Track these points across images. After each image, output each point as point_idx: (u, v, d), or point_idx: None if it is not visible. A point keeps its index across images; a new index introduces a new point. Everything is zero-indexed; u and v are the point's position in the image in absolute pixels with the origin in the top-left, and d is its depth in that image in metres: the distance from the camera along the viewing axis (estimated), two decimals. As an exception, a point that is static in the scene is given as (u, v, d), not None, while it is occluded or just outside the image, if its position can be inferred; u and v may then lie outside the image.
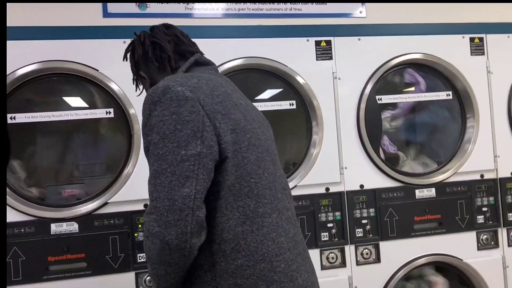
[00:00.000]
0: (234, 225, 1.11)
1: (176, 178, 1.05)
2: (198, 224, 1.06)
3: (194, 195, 1.05)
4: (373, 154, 2.16)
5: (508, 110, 2.31)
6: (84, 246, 1.87)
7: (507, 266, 2.27)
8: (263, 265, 1.11)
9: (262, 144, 1.22)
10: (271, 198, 1.18)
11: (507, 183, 2.30)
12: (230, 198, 1.12)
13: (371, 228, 2.16)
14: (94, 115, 1.93)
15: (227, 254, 1.10)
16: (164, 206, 1.04)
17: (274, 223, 1.15)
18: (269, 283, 1.10)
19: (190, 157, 1.06)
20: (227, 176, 1.11)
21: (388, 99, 2.24)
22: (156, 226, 1.04)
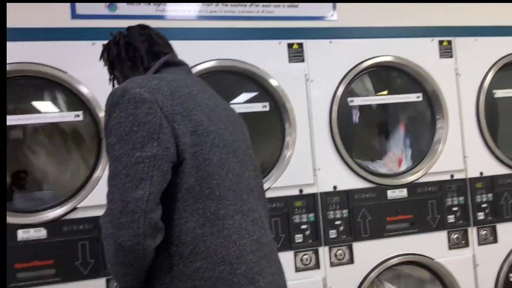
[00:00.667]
0: (193, 227, 1.10)
1: (129, 180, 1.04)
2: (151, 226, 1.05)
3: (147, 197, 1.04)
4: (346, 155, 2.18)
5: (476, 112, 2.36)
6: (52, 252, 1.82)
7: (478, 265, 2.31)
8: (222, 267, 1.09)
9: (228, 145, 1.21)
10: (235, 199, 1.17)
11: (476, 183, 2.34)
12: (189, 200, 1.11)
13: (345, 229, 2.17)
14: (62, 118, 1.89)
15: (185, 257, 1.09)
16: (117, 208, 1.03)
17: (236, 225, 1.14)
18: (228, 286, 1.09)
19: (145, 159, 1.05)
20: (185, 178, 1.10)
21: (360, 101, 2.26)
22: (110, 227, 1.04)
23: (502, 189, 2.37)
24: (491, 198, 2.35)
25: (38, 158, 2.05)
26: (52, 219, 1.83)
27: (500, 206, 2.36)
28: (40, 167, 2.07)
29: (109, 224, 1.05)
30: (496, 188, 2.36)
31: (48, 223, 1.82)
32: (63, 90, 1.92)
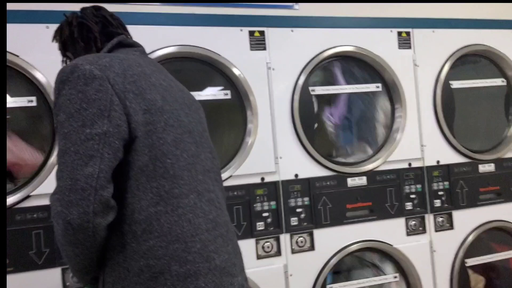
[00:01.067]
0: (146, 205, 1.09)
1: (79, 157, 1.02)
2: (102, 204, 1.03)
3: (97, 174, 1.02)
4: (307, 144, 2.20)
5: (434, 102, 2.42)
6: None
7: (435, 251, 2.38)
8: (176, 245, 1.09)
9: (183, 125, 1.21)
10: (190, 179, 1.16)
11: (433, 171, 2.41)
12: (142, 179, 1.09)
13: (306, 216, 2.19)
14: (15, 103, 1.83)
15: (138, 235, 1.08)
16: (66, 185, 1.01)
17: (191, 204, 1.14)
18: (182, 264, 1.08)
19: (95, 136, 1.04)
20: (137, 157, 1.10)
21: (322, 90, 2.28)
22: (59, 205, 1.02)
23: (457, 177, 2.44)
24: (447, 186, 2.42)
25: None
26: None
27: (456, 193, 2.43)
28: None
29: (58, 202, 1.02)
30: (452, 176, 2.43)
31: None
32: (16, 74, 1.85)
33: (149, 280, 1.07)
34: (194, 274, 1.08)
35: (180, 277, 1.07)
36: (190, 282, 1.08)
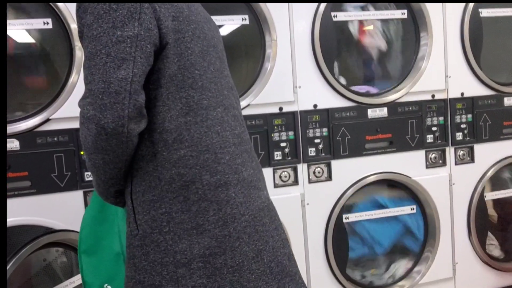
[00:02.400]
0: (176, 115, 1.07)
1: (111, 59, 0.99)
2: (136, 109, 1.01)
3: (131, 78, 1.00)
4: (327, 73, 2.14)
5: (461, 31, 2.31)
6: (26, 164, 1.79)
7: (453, 184, 2.36)
8: (207, 155, 1.09)
9: (208, 39, 1.17)
10: (216, 93, 1.14)
11: (456, 104, 2.34)
12: (172, 88, 1.07)
13: (324, 147, 2.17)
14: (30, 25, 1.80)
15: (169, 144, 1.07)
16: (99, 88, 0.98)
17: (219, 117, 1.13)
18: (213, 173, 1.09)
19: (127, 39, 1.00)
20: (168, 64, 1.07)
21: (344, 17, 2.19)
22: (91, 109, 0.99)
23: (481, 110, 2.37)
24: (470, 119, 2.36)
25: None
26: (25, 130, 1.78)
27: (479, 127, 2.37)
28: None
29: (90, 106, 1.00)
30: (475, 109, 2.36)
31: (21, 134, 1.78)
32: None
33: (181, 189, 1.07)
34: (224, 184, 1.10)
35: (211, 186, 1.08)
36: (221, 191, 1.09)
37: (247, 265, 1.10)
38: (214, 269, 1.07)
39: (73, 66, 1.81)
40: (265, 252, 1.13)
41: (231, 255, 1.08)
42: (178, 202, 1.07)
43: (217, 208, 1.08)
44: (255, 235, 1.12)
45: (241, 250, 1.09)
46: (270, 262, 1.14)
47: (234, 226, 1.09)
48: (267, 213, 1.18)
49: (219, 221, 1.08)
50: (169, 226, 1.07)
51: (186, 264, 1.06)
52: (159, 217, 1.08)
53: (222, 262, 1.08)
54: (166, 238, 1.07)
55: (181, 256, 1.06)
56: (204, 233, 1.07)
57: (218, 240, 1.07)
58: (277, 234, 1.19)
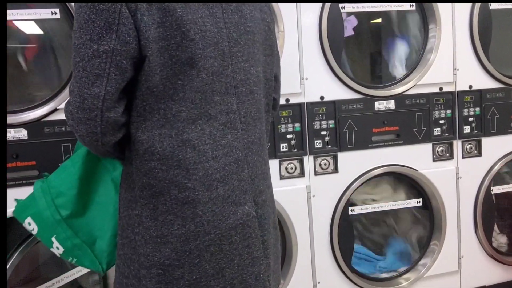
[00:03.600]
0: (151, 126, 1.06)
1: (86, 75, 0.99)
2: (109, 125, 1.03)
3: (104, 96, 1.00)
4: (335, 65, 2.13)
5: (470, 23, 2.29)
6: (34, 153, 1.80)
7: (460, 177, 2.35)
8: (177, 171, 1.06)
9: (208, 37, 1.05)
10: (202, 102, 1.07)
11: (464, 96, 2.32)
12: (150, 99, 1.04)
13: (330, 139, 2.17)
14: (38, 15, 1.80)
15: (140, 154, 1.08)
16: (76, 102, 1.01)
17: (197, 130, 1.07)
18: (181, 190, 1.07)
19: (102, 54, 0.98)
20: (145, 77, 1.02)
21: (352, 8, 2.17)
22: (70, 119, 1.05)
23: (489, 103, 2.35)
24: (478, 112, 2.35)
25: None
26: (33, 120, 1.79)
27: (487, 120, 2.36)
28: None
29: (69, 115, 1.05)
30: (484, 102, 2.35)
31: (28, 124, 1.79)
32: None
33: (151, 197, 1.08)
34: (192, 202, 1.07)
35: (179, 201, 1.07)
36: (188, 208, 1.07)
37: (204, 281, 1.09)
38: (172, 278, 1.08)
39: (80, 56, 1.81)
40: (228, 270, 1.12)
41: (189, 270, 1.08)
42: (148, 209, 1.09)
43: (181, 224, 1.07)
44: (219, 254, 1.11)
45: (200, 267, 1.09)
46: (232, 280, 1.13)
47: (196, 244, 1.08)
48: (240, 231, 1.13)
49: (182, 236, 1.07)
50: (139, 228, 1.10)
51: (147, 268, 1.09)
52: (133, 218, 1.11)
53: (180, 274, 1.08)
54: (136, 239, 1.11)
55: (144, 258, 1.09)
56: (166, 244, 1.08)
57: (178, 253, 1.08)
58: (248, 252, 1.15)
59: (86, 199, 1.32)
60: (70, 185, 1.30)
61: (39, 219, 1.31)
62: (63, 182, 1.31)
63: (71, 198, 1.30)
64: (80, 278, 1.92)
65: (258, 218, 1.17)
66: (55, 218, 1.29)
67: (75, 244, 1.31)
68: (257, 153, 1.19)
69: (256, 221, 1.16)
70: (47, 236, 1.32)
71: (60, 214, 1.29)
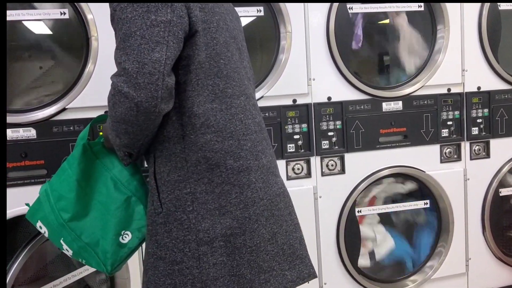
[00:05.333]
0: (204, 101, 1.12)
1: (145, 41, 1.02)
2: (168, 90, 1.06)
3: (165, 61, 1.03)
4: (342, 65, 2.12)
5: (479, 23, 2.28)
6: (43, 152, 1.81)
7: (468, 179, 2.33)
8: (231, 142, 1.14)
9: (230, 30, 1.21)
10: (239, 82, 1.19)
11: (472, 98, 2.31)
12: (201, 75, 1.12)
13: (337, 140, 2.16)
14: (47, 15, 1.81)
15: (197, 128, 1.12)
16: (133, 68, 1.02)
17: (242, 105, 1.18)
18: (236, 159, 1.14)
19: (160, 23, 1.04)
20: (197, 51, 1.11)
21: (360, 9, 2.17)
22: (126, 87, 1.03)
23: (498, 104, 2.34)
24: (487, 113, 2.33)
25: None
26: (41, 119, 1.80)
27: (495, 121, 2.34)
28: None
29: (124, 84, 1.03)
30: (492, 104, 2.33)
31: (37, 123, 1.80)
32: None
33: (206, 171, 1.12)
34: (246, 169, 1.15)
35: (234, 170, 1.14)
36: (243, 176, 1.14)
37: (263, 246, 1.16)
38: (234, 248, 1.13)
39: (89, 56, 1.82)
40: (279, 235, 1.19)
41: (250, 236, 1.14)
42: (203, 183, 1.12)
43: (239, 192, 1.14)
44: (271, 219, 1.18)
45: (259, 232, 1.15)
46: (283, 245, 1.20)
47: (254, 209, 1.15)
48: (283, 199, 1.23)
49: (241, 203, 1.13)
50: (193, 205, 1.12)
51: (208, 242, 1.12)
52: (184, 197, 1.13)
53: (242, 242, 1.13)
54: (190, 217, 1.12)
55: (203, 234, 1.12)
56: (226, 214, 1.13)
57: (239, 221, 1.13)
58: (290, 219, 1.25)
59: (88, 200, 1.31)
60: (68, 188, 1.30)
61: (47, 223, 1.31)
62: (62, 185, 1.31)
63: (71, 201, 1.29)
64: (87, 277, 1.93)
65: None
66: (59, 222, 1.29)
67: (80, 246, 1.31)
68: (269, 139, 1.34)
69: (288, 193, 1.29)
70: (56, 239, 1.32)
71: (62, 218, 1.29)
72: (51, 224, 1.31)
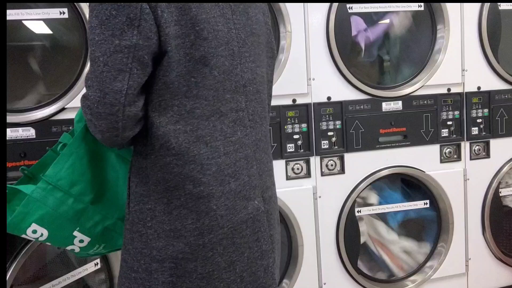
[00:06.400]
0: (166, 122, 1.06)
1: (108, 69, 0.99)
2: (130, 119, 1.04)
3: (126, 91, 1.00)
4: (342, 65, 2.12)
5: (479, 23, 2.27)
6: (42, 152, 1.79)
7: (468, 179, 2.33)
8: (192, 166, 1.08)
9: (219, 36, 1.08)
10: (214, 100, 1.10)
11: (472, 98, 2.31)
12: (166, 95, 1.06)
13: (337, 140, 2.16)
14: (46, 15, 1.81)
15: (156, 149, 1.08)
16: (95, 96, 1.01)
17: (210, 127, 1.10)
18: (196, 184, 1.09)
19: (124, 49, 0.98)
20: (163, 72, 1.04)
21: (359, 8, 2.17)
22: (89, 114, 1.04)
23: (498, 104, 2.33)
24: (487, 113, 2.33)
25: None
26: (40, 119, 1.80)
27: (495, 121, 2.34)
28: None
29: (88, 110, 1.04)
30: (492, 104, 2.33)
31: (36, 123, 1.80)
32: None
33: (165, 192, 1.09)
34: (206, 196, 1.09)
35: (193, 196, 1.09)
36: (202, 203, 1.09)
37: (217, 274, 1.12)
38: (185, 272, 1.10)
39: (88, 55, 1.82)
40: (238, 262, 1.15)
41: (202, 263, 1.10)
42: (162, 203, 1.09)
43: (196, 218, 1.09)
44: (231, 247, 1.13)
45: (213, 260, 1.11)
46: (243, 272, 1.15)
47: (210, 237, 1.10)
48: (251, 225, 1.17)
49: (196, 230, 1.09)
50: (151, 222, 1.10)
51: (160, 261, 1.10)
52: (145, 212, 1.11)
53: (193, 268, 1.10)
54: (148, 233, 1.11)
55: (156, 252, 1.10)
56: (180, 238, 1.09)
57: (191, 248, 1.09)
58: (257, 246, 1.18)
59: (101, 179, 1.29)
60: (82, 170, 1.25)
61: (50, 220, 1.24)
62: (73, 170, 1.24)
63: (88, 182, 1.26)
64: (86, 276, 1.93)
65: (266, 213, 1.21)
66: (77, 209, 1.24)
67: (106, 227, 1.29)
68: (263, 150, 1.23)
69: (264, 216, 1.20)
70: (65, 234, 1.27)
71: (83, 202, 1.25)
72: (61, 217, 1.24)
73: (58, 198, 1.23)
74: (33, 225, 1.23)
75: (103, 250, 1.35)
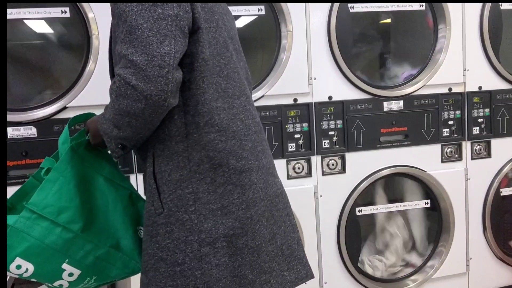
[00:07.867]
0: (209, 99, 1.11)
1: (153, 34, 0.99)
2: (177, 84, 1.04)
3: (173, 54, 1.01)
4: (343, 65, 2.12)
5: (480, 23, 2.27)
6: (43, 151, 1.81)
7: (469, 178, 2.33)
8: (233, 141, 1.14)
9: (228, 30, 1.20)
10: (239, 82, 1.19)
11: (474, 97, 2.31)
12: (206, 72, 1.11)
13: (338, 139, 2.16)
14: (48, 14, 1.81)
15: (201, 127, 1.11)
16: (142, 60, 0.98)
17: (242, 106, 1.18)
18: (238, 159, 1.14)
19: (167, 17, 1.01)
20: (201, 48, 1.10)
21: (361, 8, 2.17)
22: (134, 79, 0.99)
23: (499, 104, 2.33)
24: (488, 113, 2.33)
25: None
26: (42, 118, 1.80)
27: (496, 121, 2.34)
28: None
29: (133, 76, 0.99)
30: (493, 103, 2.33)
31: (38, 122, 1.80)
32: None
33: (208, 171, 1.11)
34: (248, 170, 1.15)
35: (237, 170, 1.13)
36: (245, 176, 1.14)
37: (264, 247, 1.16)
38: (236, 249, 1.13)
39: (90, 54, 1.82)
40: (278, 235, 1.20)
41: (252, 236, 1.14)
42: (205, 183, 1.11)
43: (241, 192, 1.13)
44: (271, 219, 1.19)
45: (260, 233, 1.15)
46: (282, 245, 1.21)
47: (255, 209, 1.15)
48: (281, 199, 1.24)
49: (243, 204, 1.13)
50: (195, 205, 1.11)
51: (210, 243, 1.11)
52: (186, 196, 1.11)
53: (244, 243, 1.13)
54: (192, 217, 1.11)
55: (206, 235, 1.11)
56: (228, 215, 1.12)
57: (241, 222, 1.13)
58: (288, 220, 1.25)
59: (90, 205, 1.21)
60: (70, 196, 1.16)
61: (36, 252, 1.12)
62: (60, 195, 1.15)
63: (77, 209, 1.16)
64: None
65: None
66: (66, 238, 1.14)
67: (98, 257, 1.21)
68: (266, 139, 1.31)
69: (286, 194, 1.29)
70: (53, 268, 1.16)
71: (72, 231, 1.15)
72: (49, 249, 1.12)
73: (45, 227, 1.12)
74: (17, 259, 1.10)
75: (93, 283, 1.25)
